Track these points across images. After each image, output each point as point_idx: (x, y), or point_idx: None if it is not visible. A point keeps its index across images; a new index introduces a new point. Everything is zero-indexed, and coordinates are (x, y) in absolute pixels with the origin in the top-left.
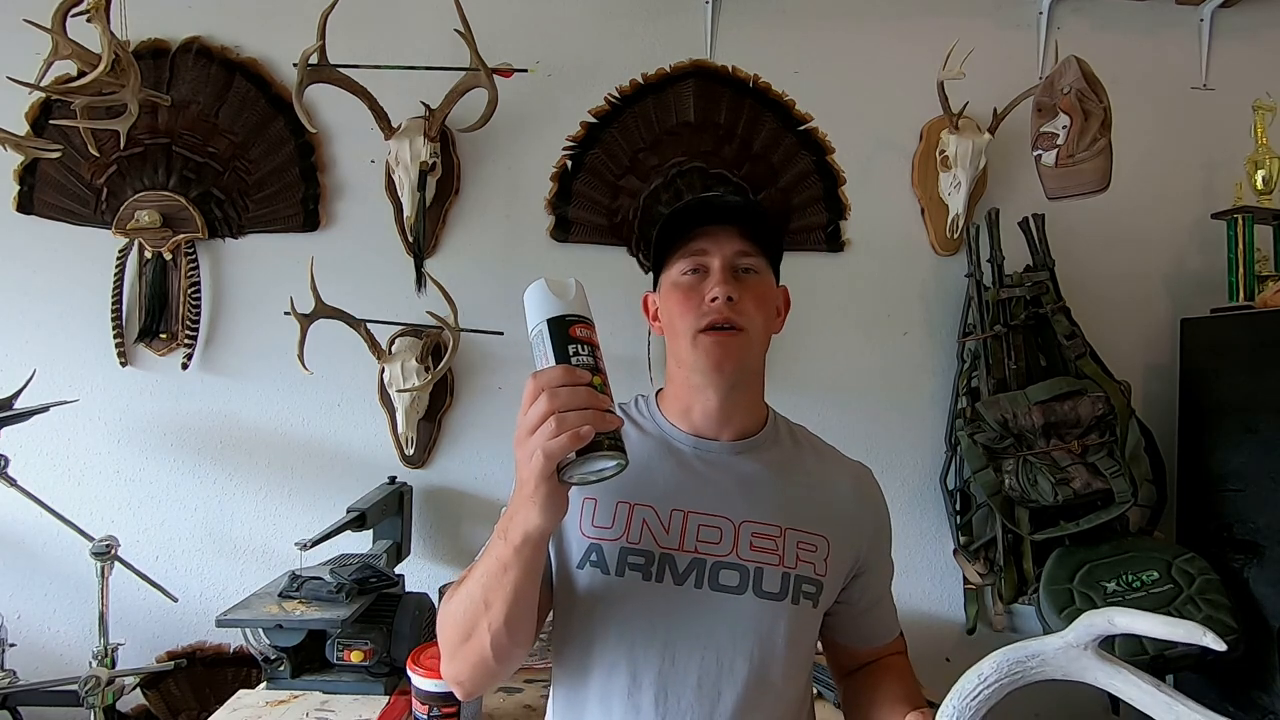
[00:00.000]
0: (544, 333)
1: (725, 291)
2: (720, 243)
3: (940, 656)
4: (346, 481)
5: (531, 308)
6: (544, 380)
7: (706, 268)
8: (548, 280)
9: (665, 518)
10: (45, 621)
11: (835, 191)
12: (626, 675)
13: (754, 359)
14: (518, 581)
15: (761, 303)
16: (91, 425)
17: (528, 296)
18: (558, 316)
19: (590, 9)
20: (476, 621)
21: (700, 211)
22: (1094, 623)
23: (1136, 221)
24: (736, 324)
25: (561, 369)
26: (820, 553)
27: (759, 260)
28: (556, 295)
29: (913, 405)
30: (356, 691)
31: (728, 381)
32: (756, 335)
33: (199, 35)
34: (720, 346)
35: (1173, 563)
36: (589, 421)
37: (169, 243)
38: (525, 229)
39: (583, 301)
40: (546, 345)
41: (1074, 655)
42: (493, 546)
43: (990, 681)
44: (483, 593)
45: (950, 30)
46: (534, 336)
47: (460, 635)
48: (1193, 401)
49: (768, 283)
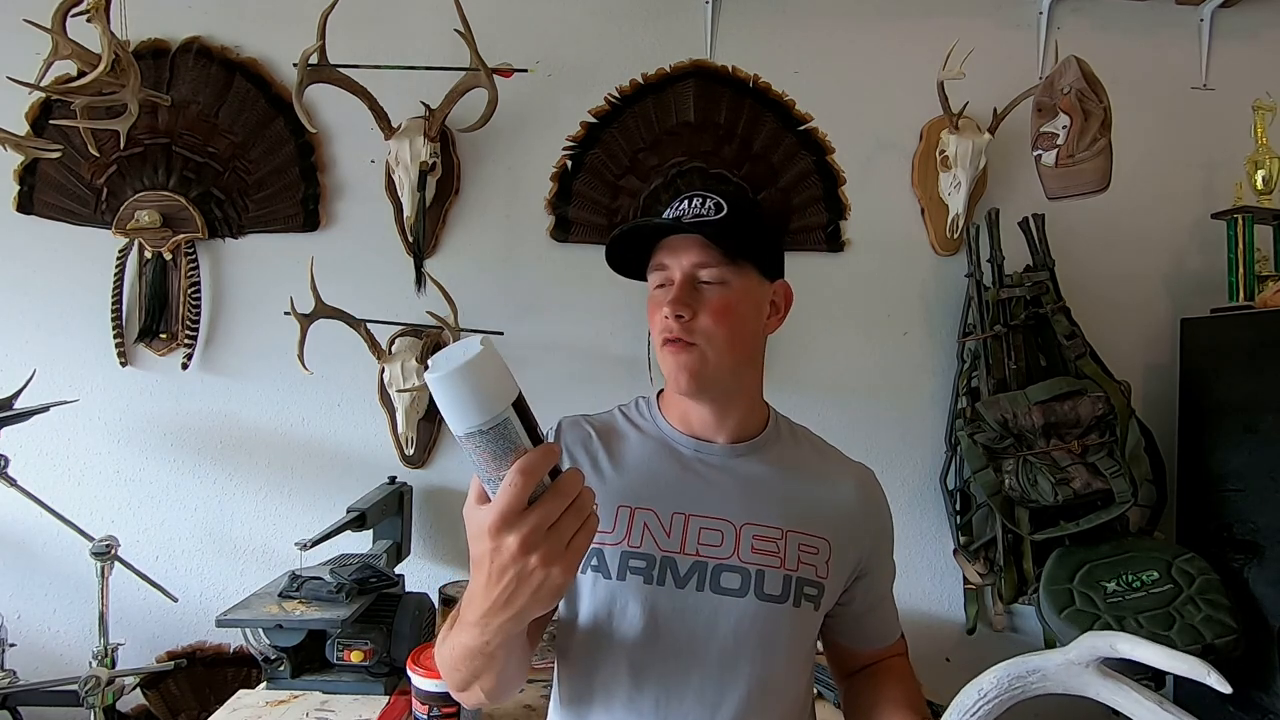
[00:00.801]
0: (510, 421)
1: (674, 309)
2: (679, 255)
3: (940, 656)
4: (346, 481)
5: (475, 399)
6: (565, 487)
7: (671, 280)
8: (474, 361)
9: (666, 521)
10: (45, 621)
11: (835, 191)
12: (628, 678)
13: (714, 370)
14: (504, 660)
15: (724, 314)
16: (91, 425)
17: (459, 385)
18: (520, 399)
19: (590, 9)
20: (469, 683)
21: (659, 226)
22: (1097, 645)
23: (1136, 221)
24: (686, 340)
25: (543, 452)
26: (822, 555)
27: (723, 270)
28: (494, 375)
29: (913, 405)
30: (356, 691)
31: (690, 393)
32: (717, 347)
33: (199, 35)
34: (674, 361)
35: (1173, 563)
36: (590, 528)
37: (169, 243)
38: (525, 229)
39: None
40: (514, 433)
41: (1075, 671)
42: (470, 637)
43: (990, 697)
44: (469, 669)
45: (950, 30)
46: (490, 430)
47: (457, 685)
48: (1193, 401)
49: (737, 291)
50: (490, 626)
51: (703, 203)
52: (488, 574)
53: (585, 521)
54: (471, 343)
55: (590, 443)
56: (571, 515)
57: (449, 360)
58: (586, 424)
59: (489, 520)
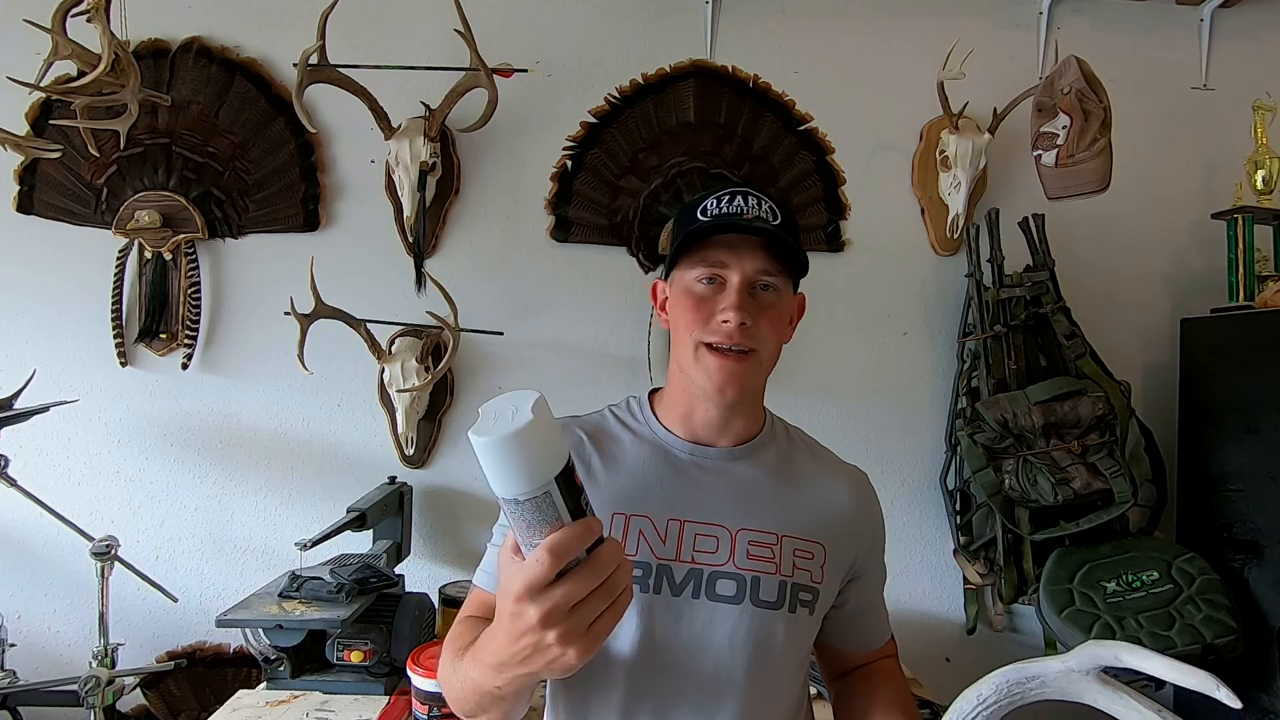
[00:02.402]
0: (551, 494)
1: (740, 316)
2: (742, 257)
3: (940, 656)
4: (346, 481)
5: (518, 469)
6: (599, 566)
7: (724, 280)
8: (523, 430)
9: (662, 528)
10: (45, 621)
11: (835, 191)
12: (624, 686)
13: (760, 380)
14: (514, 702)
15: (777, 323)
16: (91, 425)
17: (502, 453)
18: (567, 468)
19: (590, 9)
20: (477, 714)
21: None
22: (1099, 654)
23: (1136, 221)
24: (747, 347)
25: (583, 528)
26: (817, 560)
27: (779, 279)
28: (542, 444)
29: (913, 405)
30: (356, 691)
31: (734, 402)
32: (768, 357)
33: (199, 35)
34: (724, 371)
35: (1173, 563)
36: (626, 597)
37: (169, 243)
38: (525, 229)
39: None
40: (553, 507)
41: (1075, 679)
42: (483, 678)
43: (989, 703)
44: (477, 704)
45: (950, 30)
46: (527, 502)
47: (464, 713)
48: (1193, 401)
49: (786, 300)
50: (504, 676)
51: (759, 204)
52: (507, 633)
53: (615, 601)
54: (524, 401)
55: (582, 447)
56: (599, 596)
57: (497, 420)
58: (578, 428)
59: (514, 587)
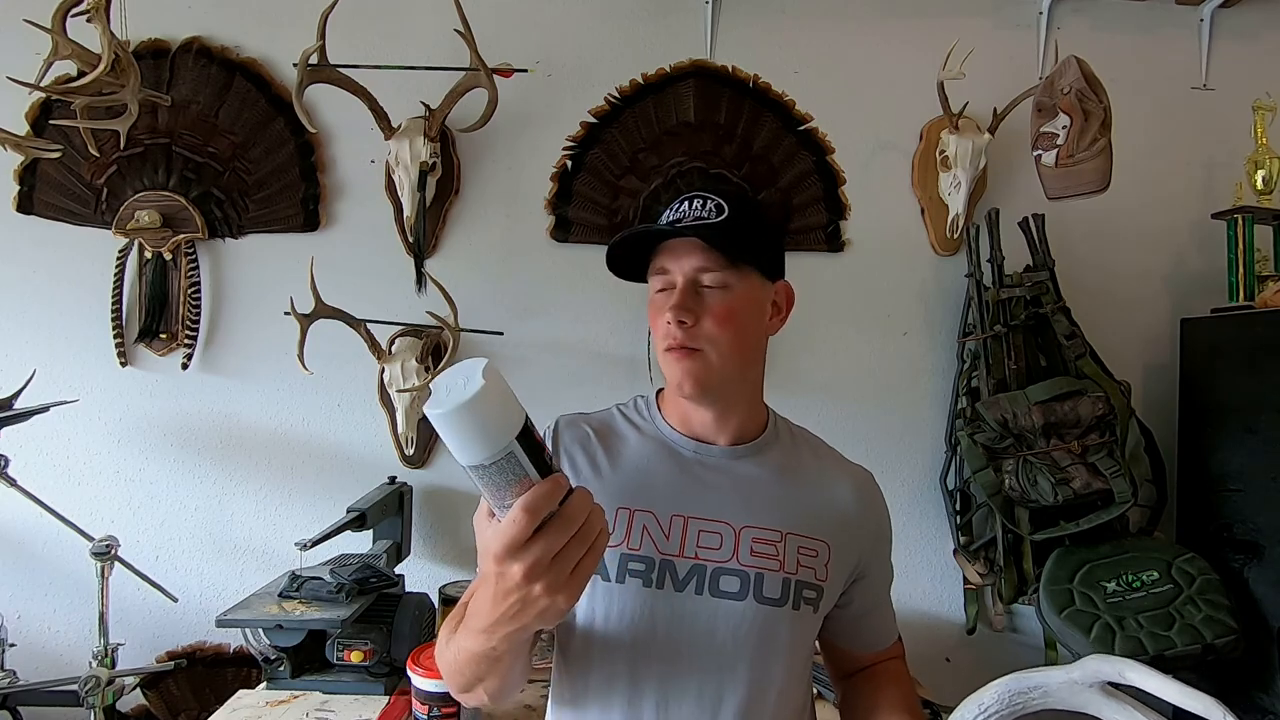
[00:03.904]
0: (514, 455)
1: (676, 315)
2: (681, 260)
3: (940, 656)
4: (346, 481)
5: (477, 435)
6: (571, 514)
7: (673, 284)
8: (475, 397)
9: (665, 523)
10: (45, 621)
11: (835, 191)
12: (627, 681)
13: (719, 376)
14: (509, 664)
15: (727, 319)
16: (91, 425)
17: (459, 422)
18: (525, 428)
19: (590, 9)
20: (473, 685)
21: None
22: (1103, 669)
23: (1136, 221)
24: (690, 345)
25: (553, 483)
26: (821, 558)
27: (726, 274)
28: (497, 408)
29: (913, 405)
30: (356, 691)
31: (695, 398)
32: (721, 352)
33: (199, 35)
34: (678, 368)
35: (1173, 563)
36: (601, 546)
37: (169, 243)
38: (525, 229)
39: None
40: (519, 466)
41: (1077, 690)
42: (476, 643)
43: (991, 711)
44: (473, 672)
45: (950, 30)
46: (492, 465)
47: (460, 688)
48: (1193, 401)
49: (740, 294)
50: (496, 635)
51: (703, 204)
52: (493, 594)
53: (592, 544)
54: (474, 369)
55: (589, 443)
56: (576, 543)
57: (450, 391)
58: (585, 423)
59: (493, 548)
